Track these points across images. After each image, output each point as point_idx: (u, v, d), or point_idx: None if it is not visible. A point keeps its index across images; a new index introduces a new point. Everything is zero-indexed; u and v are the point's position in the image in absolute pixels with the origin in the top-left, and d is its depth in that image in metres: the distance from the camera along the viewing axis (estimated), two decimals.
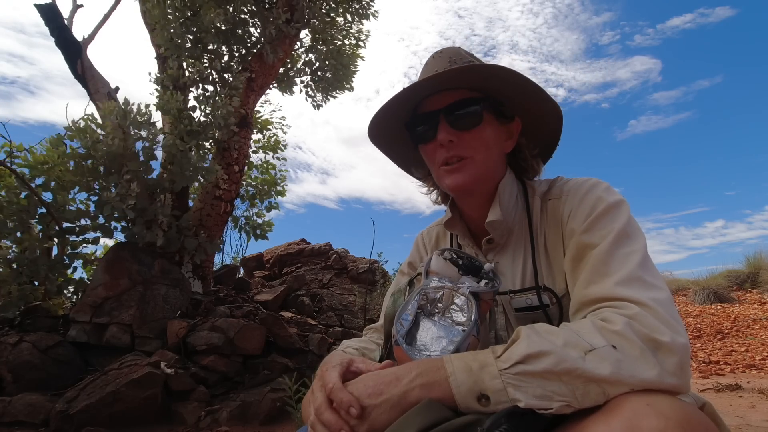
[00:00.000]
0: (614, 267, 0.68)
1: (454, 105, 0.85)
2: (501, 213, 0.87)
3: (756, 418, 2.52)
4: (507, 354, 0.57)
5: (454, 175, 0.86)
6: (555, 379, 0.54)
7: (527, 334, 0.58)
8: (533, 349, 0.55)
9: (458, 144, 0.85)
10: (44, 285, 3.56)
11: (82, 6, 4.73)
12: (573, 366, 0.53)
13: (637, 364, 0.54)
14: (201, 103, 4.17)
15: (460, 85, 0.86)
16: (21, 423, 2.46)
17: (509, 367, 0.55)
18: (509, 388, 0.54)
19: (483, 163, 0.87)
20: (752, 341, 5.17)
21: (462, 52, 0.91)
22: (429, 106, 0.88)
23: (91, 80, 4.47)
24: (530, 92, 0.86)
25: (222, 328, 3.19)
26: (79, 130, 3.47)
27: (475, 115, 0.85)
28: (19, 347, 2.83)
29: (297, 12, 4.75)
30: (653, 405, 0.50)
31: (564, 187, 0.86)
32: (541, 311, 0.83)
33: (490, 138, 0.87)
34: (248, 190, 5.38)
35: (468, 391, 0.56)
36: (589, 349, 0.55)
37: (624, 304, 0.62)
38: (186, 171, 3.75)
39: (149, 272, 3.56)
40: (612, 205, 0.76)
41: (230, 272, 4.94)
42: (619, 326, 0.57)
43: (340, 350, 0.93)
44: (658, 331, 0.57)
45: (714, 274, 8.15)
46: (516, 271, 0.88)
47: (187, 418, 2.66)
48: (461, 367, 0.58)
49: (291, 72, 5.68)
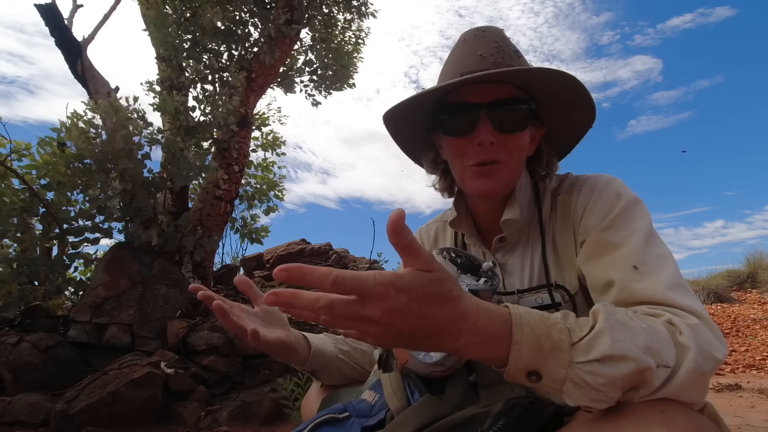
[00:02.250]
0: (655, 267, 0.65)
1: (501, 102, 0.77)
2: (519, 212, 0.82)
3: (756, 418, 2.52)
4: (586, 344, 0.50)
5: (484, 179, 0.79)
6: (620, 388, 0.49)
7: (611, 325, 0.51)
8: (617, 351, 0.48)
9: (497, 146, 0.77)
10: (44, 285, 3.56)
11: (82, 6, 4.73)
12: (645, 378, 0.49)
13: (693, 387, 0.52)
14: (200, 103, 4.17)
15: (508, 80, 0.77)
16: (21, 423, 2.45)
17: (584, 363, 0.48)
18: (568, 384, 0.48)
19: (514, 169, 0.81)
20: (752, 341, 5.17)
21: (506, 36, 0.83)
22: (467, 96, 0.78)
23: (91, 80, 4.47)
24: (581, 104, 0.81)
25: (222, 328, 3.18)
26: (68, 130, 3.46)
27: (522, 117, 0.78)
28: (19, 347, 2.83)
29: (297, 12, 4.75)
30: (666, 413, 0.49)
31: (576, 182, 0.83)
32: (554, 310, 0.81)
33: (526, 143, 0.81)
34: (247, 191, 5.38)
35: (524, 367, 0.49)
36: (664, 365, 0.50)
37: (683, 314, 0.59)
38: (185, 170, 3.75)
39: (149, 272, 3.56)
40: (632, 202, 0.74)
41: (230, 272, 4.94)
42: (686, 338, 0.54)
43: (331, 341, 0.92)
44: (715, 347, 0.55)
45: (714, 274, 8.15)
46: (525, 270, 0.85)
47: (187, 418, 2.66)
48: (530, 340, 0.49)
49: (291, 72, 5.68)
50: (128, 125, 3.56)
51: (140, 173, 3.66)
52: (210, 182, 4.36)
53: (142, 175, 3.70)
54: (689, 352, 0.52)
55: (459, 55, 0.82)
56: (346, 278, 0.43)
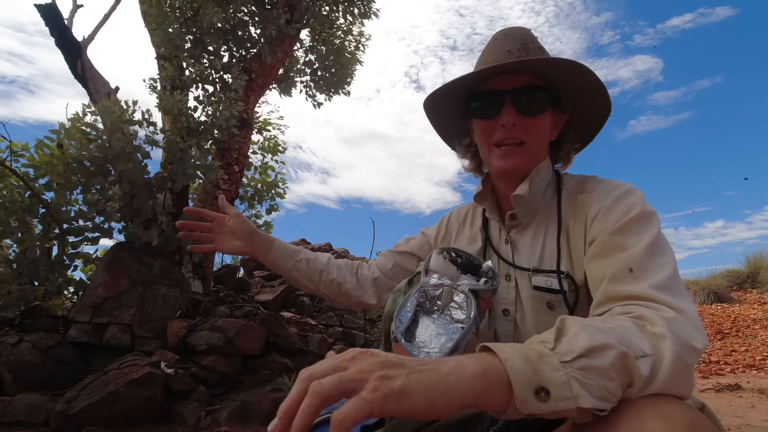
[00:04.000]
0: (649, 273, 0.68)
1: (523, 89, 0.87)
2: (528, 190, 0.89)
3: (756, 418, 2.52)
4: (565, 345, 0.50)
5: (507, 158, 0.88)
6: (615, 378, 0.49)
7: (580, 326, 0.52)
8: (596, 341, 0.49)
9: (519, 128, 0.87)
10: (44, 285, 3.56)
11: (82, 6, 4.72)
12: (630, 367, 0.50)
13: (678, 377, 0.53)
14: (201, 103, 4.17)
15: (529, 69, 0.88)
16: (21, 423, 2.45)
17: (572, 360, 0.48)
18: (573, 383, 0.47)
19: (535, 151, 0.90)
20: (752, 341, 5.17)
21: (533, 35, 0.94)
22: (494, 85, 0.89)
23: (91, 80, 4.47)
24: (595, 92, 0.90)
25: (222, 328, 3.19)
26: (68, 131, 3.46)
27: (541, 102, 0.88)
28: (19, 347, 2.83)
29: (297, 12, 4.75)
30: (661, 407, 0.50)
31: (598, 186, 0.88)
32: (561, 296, 0.83)
33: (547, 127, 0.91)
34: (247, 191, 5.38)
35: (527, 381, 0.46)
36: (641, 355, 0.52)
37: (660, 307, 0.61)
38: (186, 169, 3.75)
39: (149, 272, 3.56)
40: (646, 214, 0.77)
41: (230, 272, 4.94)
42: (661, 328, 0.55)
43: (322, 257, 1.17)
44: (693, 337, 0.57)
45: (714, 274, 8.16)
46: (535, 250, 0.90)
47: (187, 418, 2.66)
48: (516, 354, 0.48)
49: (291, 72, 5.68)
50: (128, 127, 3.56)
51: (140, 174, 3.66)
52: (210, 182, 4.36)
53: (143, 176, 3.70)
54: (666, 340, 0.54)
55: (489, 51, 0.93)
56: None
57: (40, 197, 3.47)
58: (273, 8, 4.72)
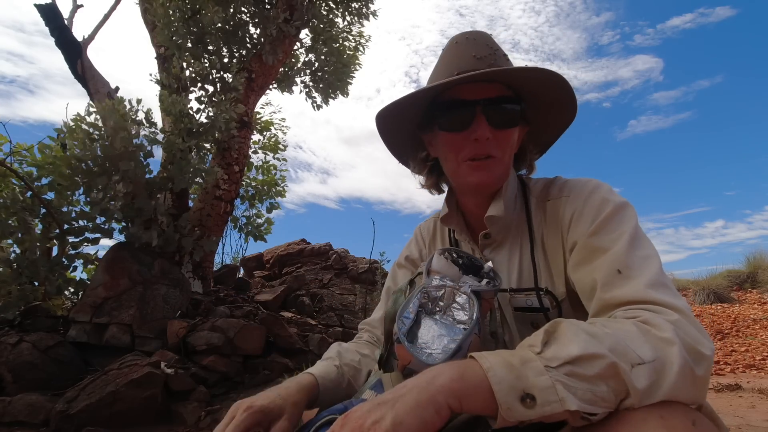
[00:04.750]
0: (637, 270, 0.66)
1: (495, 100, 0.81)
2: (503, 208, 0.85)
3: (756, 418, 2.52)
4: (552, 352, 0.50)
5: (481, 172, 0.83)
6: (603, 384, 0.49)
7: (574, 331, 0.52)
8: (586, 350, 0.49)
9: (492, 142, 0.81)
10: (44, 285, 3.56)
11: (82, 6, 4.73)
12: (619, 376, 0.49)
13: (683, 384, 0.51)
14: (202, 104, 4.17)
15: (498, 79, 0.82)
16: (21, 423, 2.45)
17: (557, 367, 0.49)
18: (558, 386, 0.47)
19: (506, 164, 0.85)
20: (752, 341, 5.17)
21: (494, 40, 0.88)
22: (463, 94, 0.82)
23: (91, 80, 4.47)
24: (567, 105, 0.86)
25: (222, 328, 3.18)
26: (71, 131, 3.46)
27: (515, 115, 0.83)
28: (19, 347, 2.83)
29: (297, 12, 4.75)
30: (666, 418, 0.49)
31: (564, 188, 0.85)
32: (542, 314, 0.82)
33: (515, 140, 0.86)
34: (248, 191, 5.38)
35: (510, 388, 0.47)
36: (638, 362, 0.50)
37: (663, 309, 0.59)
38: (186, 173, 3.75)
39: (149, 272, 3.56)
40: (619, 207, 0.76)
41: (230, 272, 4.94)
42: (669, 334, 0.54)
43: (321, 362, 0.92)
44: (700, 342, 0.55)
45: (714, 274, 8.14)
46: (512, 269, 0.87)
47: (187, 418, 2.66)
48: (499, 363, 0.50)
49: (291, 72, 5.68)
50: (129, 127, 3.56)
51: (142, 174, 3.66)
52: (210, 182, 4.36)
53: (144, 177, 3.70)
54: (674, 347, 0.53)
55: (452, 57, 0.85)
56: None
57: (40, 197, 3.47)
58: (273, 8, 4.72)
